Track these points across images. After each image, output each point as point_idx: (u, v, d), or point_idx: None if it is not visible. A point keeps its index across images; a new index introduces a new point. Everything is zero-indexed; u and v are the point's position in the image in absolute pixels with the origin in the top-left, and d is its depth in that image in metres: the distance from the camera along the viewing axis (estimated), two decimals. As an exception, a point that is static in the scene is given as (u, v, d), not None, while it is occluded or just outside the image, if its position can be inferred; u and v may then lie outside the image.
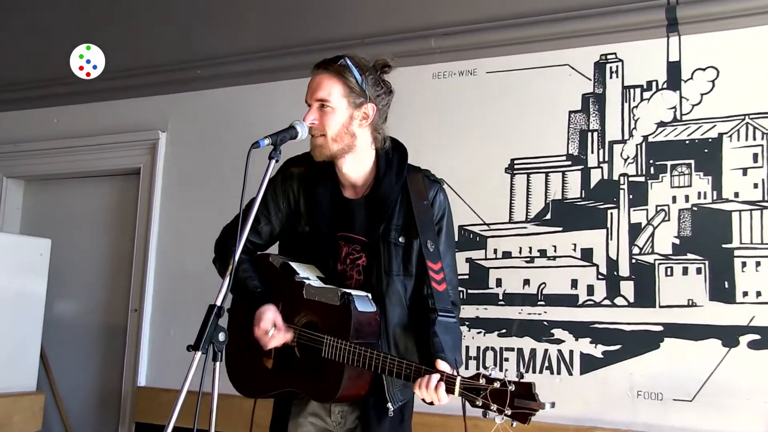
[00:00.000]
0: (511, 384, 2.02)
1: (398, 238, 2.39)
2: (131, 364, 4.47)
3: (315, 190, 2.45)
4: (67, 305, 4.91)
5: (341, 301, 2.27)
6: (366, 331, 2.29)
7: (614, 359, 3.31)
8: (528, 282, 3.53)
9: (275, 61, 4.26)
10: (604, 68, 3.53)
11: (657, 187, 3.35)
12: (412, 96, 3.78)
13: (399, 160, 2.46)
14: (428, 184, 2.46)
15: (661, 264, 3.30)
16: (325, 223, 2.42)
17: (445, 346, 2.26)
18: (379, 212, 2.40)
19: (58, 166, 4.98)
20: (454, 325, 2.37)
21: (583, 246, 3.45)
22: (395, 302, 2.38)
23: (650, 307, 3.28)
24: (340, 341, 2.24)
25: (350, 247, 2.42)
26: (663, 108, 3.40)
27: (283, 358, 2.38)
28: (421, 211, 2.40)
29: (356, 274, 2.42)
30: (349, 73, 2.34)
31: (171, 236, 4.50)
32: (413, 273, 2.41)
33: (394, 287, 2.38)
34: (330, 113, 2.34)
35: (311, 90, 2.37)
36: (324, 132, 2.35)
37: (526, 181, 3.60)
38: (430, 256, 2.37)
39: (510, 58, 3.72)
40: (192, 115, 4.56)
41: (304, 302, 2.34)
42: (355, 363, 2.20)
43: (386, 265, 2.38)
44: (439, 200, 2.46)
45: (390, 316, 2.36)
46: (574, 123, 3.55)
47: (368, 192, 2.44)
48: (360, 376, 2.28)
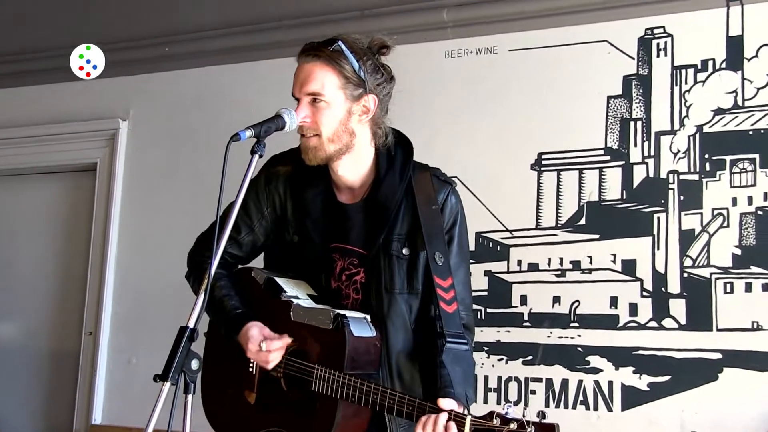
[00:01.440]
0: (530, 426, 2.00)
1: (402, 249, 2.39)
2: (84, 398, 4.46)
3: (304, 193, 2.45)
4: (7, 327, 4.90)
5: (334, 325, 2.26)
6: (363, 360, 2.29)
7: (662, 393, 3.31)
8: (558, 300, 3.53)
9: (259, 37, 4.27)
10: (649, 45, 3.53)
11: (714, 187, 3.36)
12: (421, 79, 3.79)
13: (403, 158, 2.46)
14: (437, 185, 2.46)
15: (719, 279, 3.30)
16: (317, 233, 2.42)
17: (454, 379, 2.25)
18: (379, 219, 2.40)
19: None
20: (466, 354, 2.36)
21: (624, 257, 3.45)
22: (398, 325, 2.37)
23: (706, 331, 3.28)
24: (332, 372, 2.23)
25: (346, 261, 2.42)
26: (721, 92, 3.40)
27: (267, 391, 2.37)
28: (428, 218, 2.40)
29: (353, 293, 2.42)
30: (345, 60, 2.33)
31: (133, 245, 4.50)
32: (419, 291, 2.40)
33: (397, 308, 2.38)
34: (324, 109, 2.32)
35: (299, 81, 2.34)
36: (318, 131, 2.33)
37: (556, 180, 3.61)
38: (439, 271, 2.36)
39: (536, 33, 3.73)
40: (158, 100, 4.57)
41: (291, 325, 2.33)
42: (350, 398, 2.20)
43: (387, 282, 2.38)
44: (450, 204, 2.46)
45: (392, 342, 2.36)
46: (613, 110, 3.56)
47: (367, 195, 2.44)
48: (356, 414, 2.27)
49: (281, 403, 2.35)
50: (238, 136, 2.15)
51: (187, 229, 2.69)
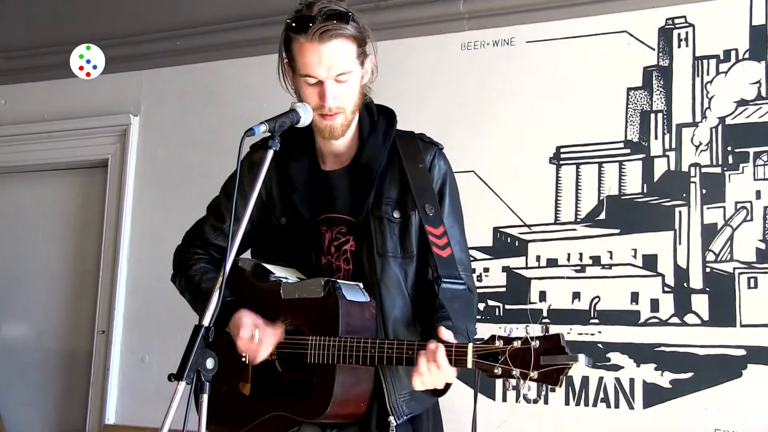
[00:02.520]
0: (534, 340, 1.97)
1: (392, 212, 2.37)
2: (97, 398, 4.47)
3: (289, 167, 2.44)
4: (19, 327, 4.92)
5: (325, 291, 2.24)
6: (359, 324, 2.25)
7: (685, 390, 3.29)
8: (578, 296, 3.52)
9: (272, 30, 4.13)
10: (670, 35, 3.51)
11: (736, 180, 3.33)
12: (437, 71, 3.77)
13: (386, 122, 2.46)
14: (424, 147, 2.45)
15: (743, 273, 3.27)
16: (304, 206, 2.40)
17: (453, 315, 2.23)
18: (364, 183, 2.38)
19: (6, 157, 4.99)
20: (464, 292, 2.34)
21: (645, 252, 3.43)
22: (394, 291, 2.34)
23: (729, 327, 3.26)
24: (327, 339, 2.21)
25: (334, 231, 2.40)
26: (744, 83, 3.37)
27: (262, 379, 2.35)
28: (416, 176, 2.38)
29: (344, 264, 2.39)
30: (357, 29, 2.32)
31: (145, 242, 4.50)
32: (414, 254, 2.38)
33: (391, 272, 2.35)
34: (349, 84, 2.32)
35: (326, 63, 2.28)
36: (343, 109, 2.33)
37: (575, 174, 3.59)
38: (429, 221, 2.35)
39: (554, 24, 3.71)
40: (170, 95, 4.56)
41: (282, 304, 2.31)
42: (346, 360, 2.17)
43: (379, 246, 2.35)
44: (438, 165, 2.45)
45: (387, 307, 2.33)
46: (633, 102, 3.53)
47: (351, 161, 2.43)
48: (357, 383, 2.25)
49: (278, 387, 2.32)
50: (252, 131, 2.14)
51: (200, 224, 2.68)
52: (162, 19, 4.60)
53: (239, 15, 4.38)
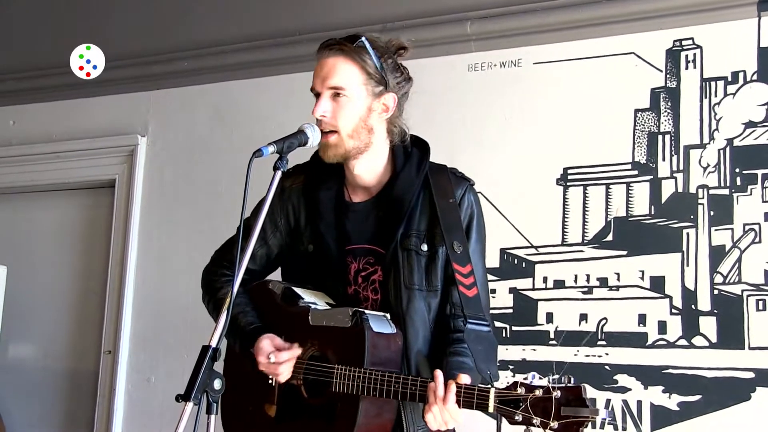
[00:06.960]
0: (555, 390, 2.01)
1: (420, 245, 2.40)
2: (103, 419, 4.46)
3: (318, 197, 2.48)
4: (25, 347, 4.93)
5: (353, 322, 2.27)
6: (384, 356, 2.29)
7: (693, 413, 3.28)
8: (585, 317, 3.52)
9: (279, 51, 4.28)
10: (678, 57, 3.52)
11: (745, 202, 3.34)
12: (444, 92, 3.79)
13: (420, 154, 2.49)
14: (455, 182, 2.48)
15: (751, 296, 3.27)
16: (330, 235, 2.44)
17: (476, 356, 2.26)
18: (395, 214, 2.41)
19: (14, 177, 5.00)
20: (488, 335, 2.37)
21: (652, 273, 3.43)
22: (418, 323, 2.38)
23: (738, 349, 3.25)
24: (353, 369, 2.23)
25: (361, 262, 2.44)
26: (752, 104, 3.38)
27: (288, 402, 2.38)
28: (446, 211, 2.41)
29: (371, 293, 2.43)
30: (368, 56, 2.37)
31: (152, 262, 4.51)
32: (438, 288, 2.42)
33: (416, 304, 2.39)
34: (346, 104, 2.36)
35: (321, 75, 2.38)
36: (336, 127, 2.36)
37: (583, 195, 3.60)
38: (457, 258, 2.37)
39: (562, 46, 3.72)
40: (177, 115, 4.58)
41: (310, 331, 2.35)
42: (371, 392, 2.19)
43: (407, 278, 2.39)
44: (468, 200, 2.48)
45: (411, 339, 2.37)
46: (641, 124, 3.54)
47: (381, 192, 2.46)
48: (379, 414, 2.27)
49: (302, 411, 2.35)
50: (260, 152, 2.17)
51: (207, 246, 2.70)
52: (169, 39, 4.62)
53: (247, 36, 4.40)
